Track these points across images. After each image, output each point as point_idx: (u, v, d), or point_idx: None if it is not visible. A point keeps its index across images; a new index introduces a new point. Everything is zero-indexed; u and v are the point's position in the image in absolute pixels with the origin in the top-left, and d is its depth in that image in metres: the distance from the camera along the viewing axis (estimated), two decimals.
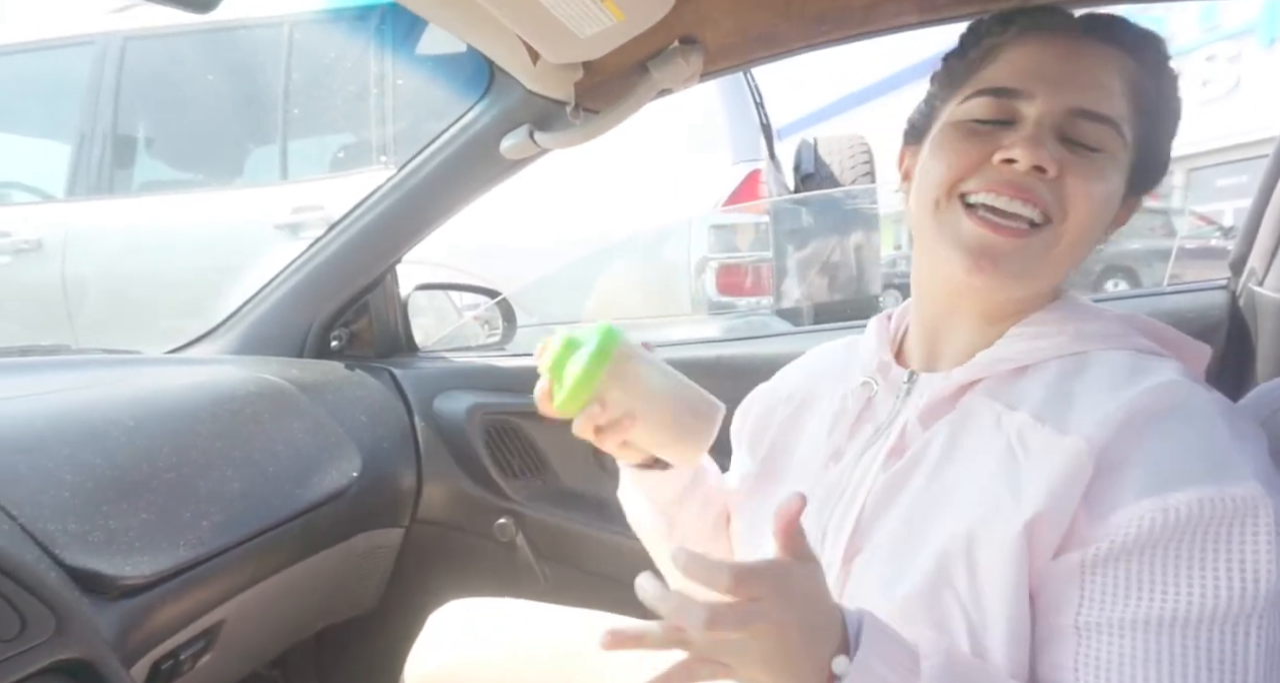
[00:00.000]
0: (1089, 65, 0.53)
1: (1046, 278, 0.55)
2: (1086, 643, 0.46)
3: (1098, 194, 0.52)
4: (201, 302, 2.35)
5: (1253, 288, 0.96)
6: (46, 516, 0.66)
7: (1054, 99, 0.53)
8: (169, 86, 2.96)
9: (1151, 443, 0.47)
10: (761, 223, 2.54)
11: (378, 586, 1.22)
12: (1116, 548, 0.46)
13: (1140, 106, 0.54)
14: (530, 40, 0.84)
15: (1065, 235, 0.53)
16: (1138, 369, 0.51)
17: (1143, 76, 0.54)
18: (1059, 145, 0.52)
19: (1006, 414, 0.53)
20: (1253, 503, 0.44)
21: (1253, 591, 0.43)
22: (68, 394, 0.85)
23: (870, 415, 0.63)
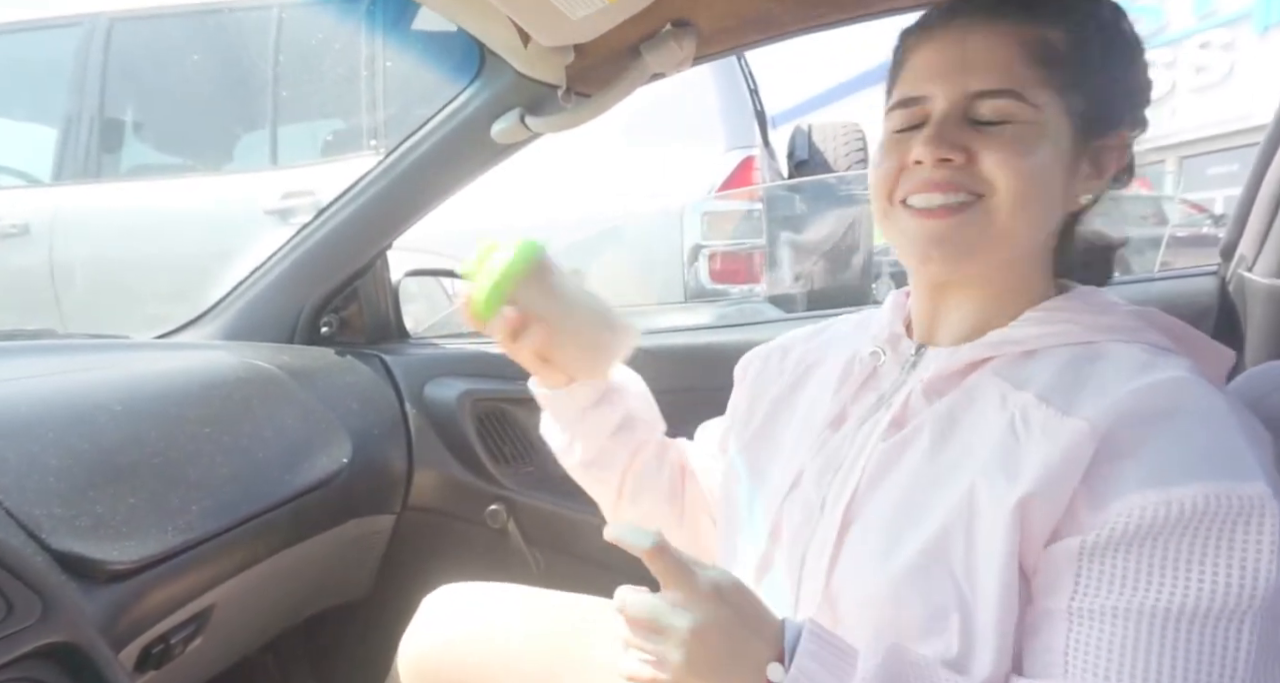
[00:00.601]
0: (976, 47, 0.55)
1: (998, 249, 0.56)
2: (1078, 628, 0.47)
3: (1016, 163, 0.53)
4: (190, 287, 2.33)
5: (1242, 274, 0.96)
6: (32, 500, 0.65)
7: (950, 92, 0.55)
8: (157, 70, 2.92)
9: (1159, 437, 0.47)
10: (755, 210, 2.53)
11: (369, 572, 1.22)
12: (1116, 536, 0.46)
13: (1051, 59, 0.54)
14: (521, 22, 0.83)
15: (1000, 207, 0.54)
16: (1150, 364, 0.51)
17: (1046, 30, 0.54)
18: (967, 131, 0.54)
19: (1012, 394, 0.53)
20: (1259, 503, 0.44)
21: (1250, 589, 0.43)
22: (54, 379, 0.84)
23: (875, 384, 0.63)
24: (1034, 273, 0.59)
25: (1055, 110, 0.54)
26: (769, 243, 2.58)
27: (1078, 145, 0.56)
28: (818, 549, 0.58)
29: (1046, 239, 0.59)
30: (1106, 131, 0.56)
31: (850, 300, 2.73)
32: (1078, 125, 0.55)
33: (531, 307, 0.67)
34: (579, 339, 0.70)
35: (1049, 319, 0.56)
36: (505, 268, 0.66)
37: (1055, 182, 0.55)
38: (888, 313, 0.66)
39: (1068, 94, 0.54)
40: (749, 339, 1.21)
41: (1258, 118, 9.08)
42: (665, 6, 0.84)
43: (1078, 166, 0.56)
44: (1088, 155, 0.57)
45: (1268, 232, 0.93)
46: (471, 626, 0.80)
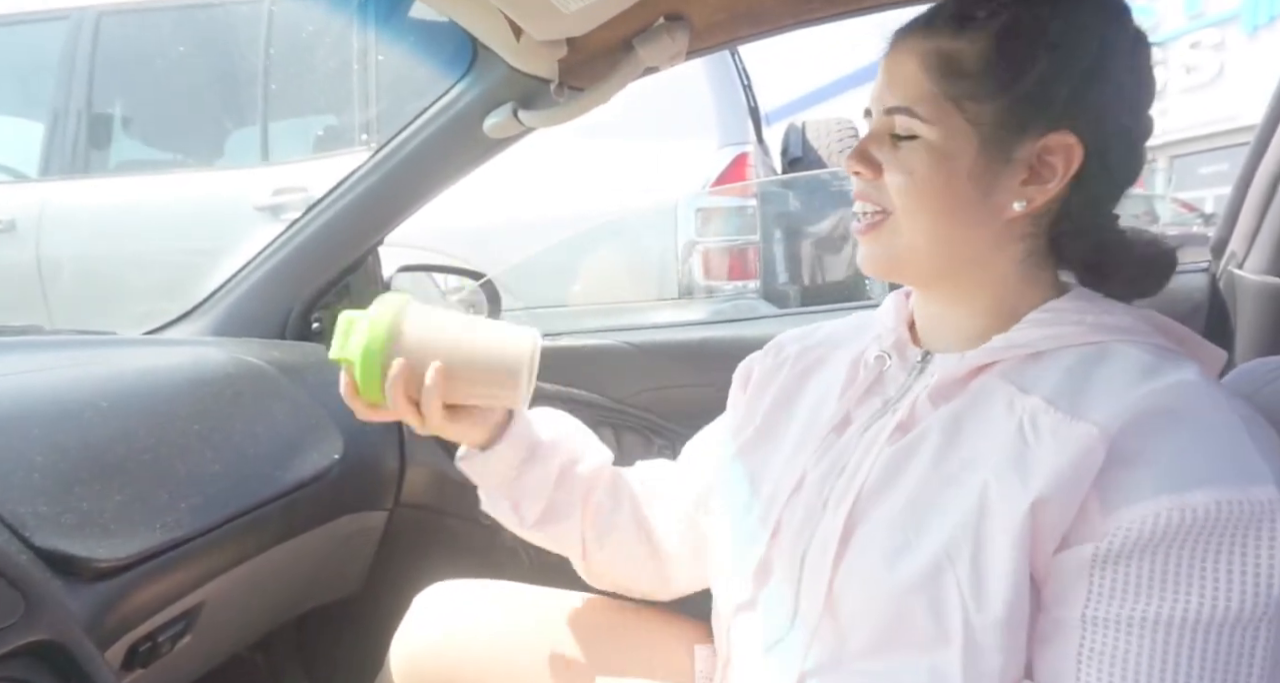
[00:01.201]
0: (891, 65, 0.57)
1: (912, 263, 0.58)
2: (1092, 637, 0.46)
3: (905, 181, 0.55)
4: (180, 284, 2.32)
5: (1233, 270, 0.97)
6: (17, 497, 0.65)
7: (877, 107, 0.58)
8: (145, 64, 2.90)
9: (1169, 441, 0.47)
10: (748, 206, 2.53)
11: (361, 569, 1.21)
12: (1130, 544, 0.45)
13: (952, 72, 0.54)
14: (513, 15, 0.82)
15: (900, 223, 0.57)
16: (1158, 367, 0.50)
17: (946, 43, 0.54)
18: (886, 147, 0.57)
19: (1019, 397, 0.52)
20: (1270, 508, 0.44)
21: (1265, 596, 0.43)
22: (40, 374, 0.83)
23: (880, 389, 0.62)
24: (1017, 278, 0.58)
25: (954, 124, 0.54)
26: (763, 239, 2.58)
27: (991, 154, 0.54)
28: (819, 552, 0.57)
29: (994, 248, 0.57)
30: (1032, 138, 0.53)
31: (844, 297, 2.74)
32: (986, 135, 0.53)
33: (417, 354, 0.61)
34: (479, 364, 0.63)
35: (1052, 321, 0.55)
36: (366, 342, 0.60)
37: (956, 195, 0.54)
38: (890, 316, 0.65)
39: (970, 104, 0.53)
40: (743, 335, 1.21)
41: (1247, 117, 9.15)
42: (658, 0, 0.84)
43: (997, 177, 0.54)
44: (1018, 164, 0.54)
45: (1258, 229, 0.93)
46: (463, 623, 0.80)
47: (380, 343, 0.60)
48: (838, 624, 0.55)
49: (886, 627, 0.52)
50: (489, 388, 0.64)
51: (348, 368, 0.62)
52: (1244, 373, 0.65)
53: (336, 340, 0.62)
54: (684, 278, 2.49)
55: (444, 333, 0.62)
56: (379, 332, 0.60)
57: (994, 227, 0.56)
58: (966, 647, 0.49)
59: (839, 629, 0.55)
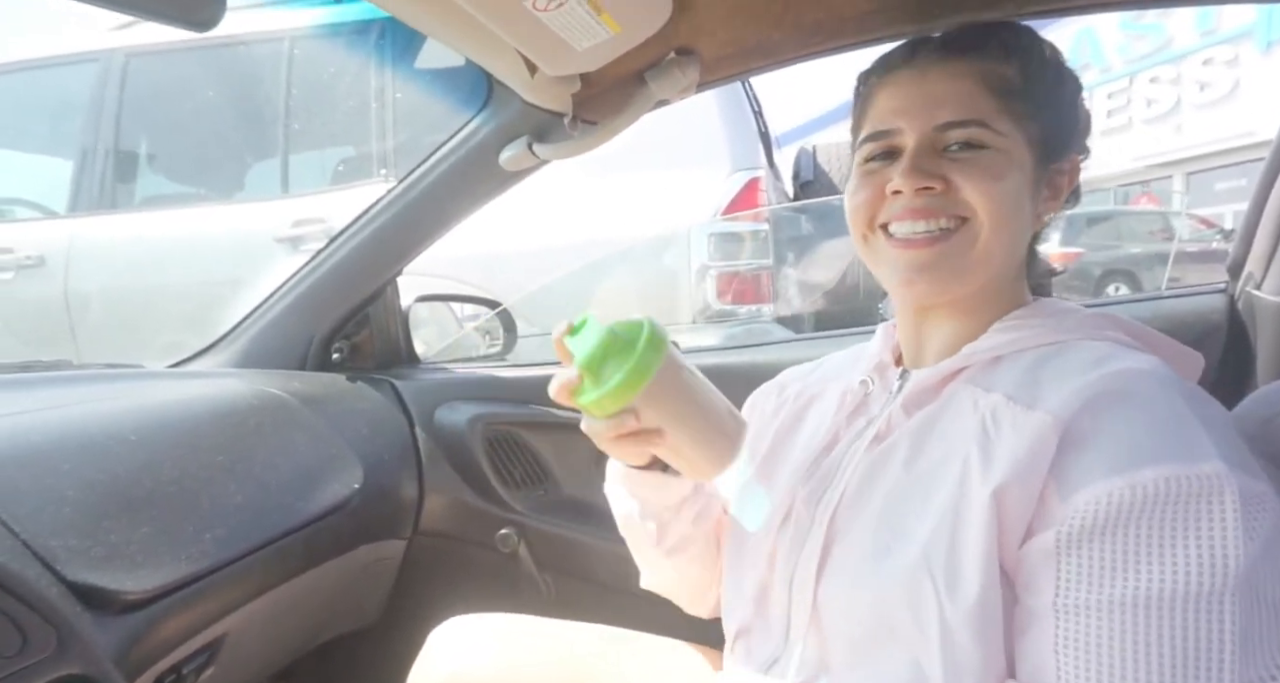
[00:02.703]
0: (940, 82, 0.59)
1: (980, 271, 0.59)
2: (1065, 624, 0.47)
3: (990, 186, 0.57)
4: (203, 316, 2.36)
5: (1251, 291, 0.96)
6: (48, 531, 0.66)
7: (921, 125, 0.59)
8: (171, 102, 2.98)
9: (1116, 421, 0.48)
10: (761, 231, 2.54)
11: (380, 598, 1.21)
12: (1088, 526, 0.47)
13: (1008, 92, 0.58)
14: (528, 53, 0.84)
15: (981, 229, 0.57)
16: (1109, 356, 0.53)
17: (998, 66, 0.59)
18: (941, 160, 0.58)
19: (983, 396, 0.55)
20: (1217, 481, 0.45)
21: (1222, 569, 0.44)
22: (69, 409, 0.85)
23: (865, 410, 0.65)
24: (1007, 290, 0.62)
25: (1017, 138, 0.58)
26: (776, 263, 2.59)
27: (1038, 170, 0.59)
28: (805, 564, 0.59)
29: (1021, 257, 0.62)
30: (1060, 157, 0.61)
31: (858, 320, 2.73)
32: (1037, 152, 0.59)
33: (651, 416, 0.56)
34: (694, 448, 0.59)
35: (1014, 327, 0.59)
36: (636, 369, 0.53)
37: (1024, 204, 0.59)
38: (877, 344, 0.70)
39: (1025, 123, 0.58)
40: (757, 360, 1.22)
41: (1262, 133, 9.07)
42: (669, 36, 0.86)
43: (1039, 190, 0.60)
44: (1046, 179, 0.61)
45: (1275, 250, 0.93)
46: (480, 658, 0.79)
47: (630, 395, 0.54)
48: (823, 634, 0.57)
49: (869, 631, 0.54)
50: (688, 464, 0.60)
51: (582, 377, 0.56)
52: (1264, 396, 0.65)
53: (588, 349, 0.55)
54: (697, 303, 2.50)
55: (683, 406, 0.57)
56: (638, 380, 0.54)
57: (1029, 235, 0.62)
58: (944, 644, 0.50)
59: (824, 638, 0.57)
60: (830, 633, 0.57)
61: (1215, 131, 11.24)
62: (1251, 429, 0.61)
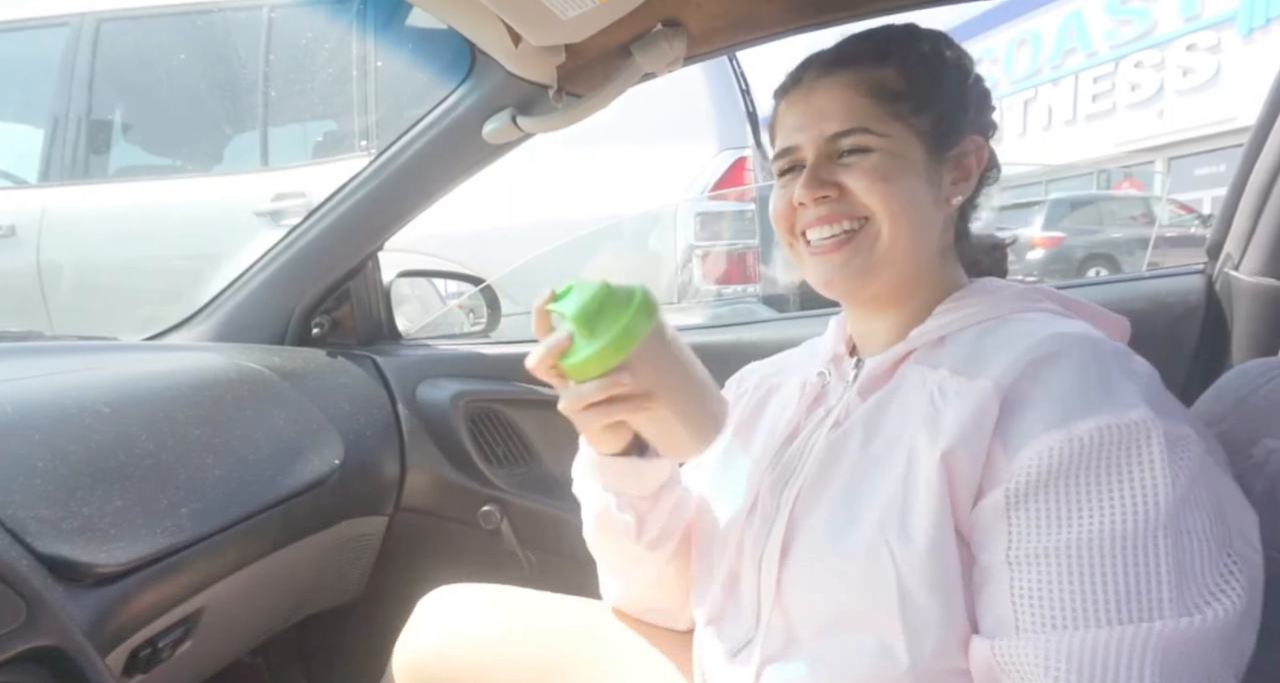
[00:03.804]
0: (825, 96, 0.63)
1: (889, 264, 0.62)
2: (1018, 575, 0.50)
3: (880, 185, 0.61)
4: (181, 290, 2.32)
5: (1229, 272, 0.97)
6: (17, 502, 0.65)
7: (814, 139, 0.63)
8: (145, 70, 2.91)
9: (1050, 381, 0.52)
10: (747, 210, 2.54)
11: (362, 574, 1.21)
12: (1033, 481, 0.50)
13: (887, 94, 0.62)
14: (512, 22, 0.83)
15: (881, 226, 0.61)
16: (1044, 325, 0.56)
17: (874, 71, 0.62)
18: (836, 168, 0.62)
19: (930, 374, 0.58)
20: (1145, 426, 0.48)
21: (1154, 507, 0.47)
22: (40, 380, 0.83)
23: (823, 400, 0.68)
24: (940, 274, 0.65)
25: (903, 135, 0.62)
26: (762, 243, 2.59)
27: (933, 158, 0.63)
28: (771, 549, 0.61)
29: (937, 243, 0.65)
30: (955, 142, 0.64)
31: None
32: (928, 143, 0.62)
33: (642, 376, 0.54)
34: (681, 419, 0.57)
35: (957, 308, 0.62)
36: (633, 322, 0.52)
37: (920, 194, 0.62)
38: (830, 336, 0.73)
39: (910, 119, 0.62)
40: (742, 339, 1.22)
41: (1243, 119, 9.16)
42: (656, 7, 0.84)
43: (939, 176, 0.63)
44: (947, 164, 0.64)
45: (1253, 231, 0.94)
46: (466, 628, 0.80)
47: (626, 348, 0.52)
48: (789, 616, 0.59)
49: (833, 610, 0.57)
50: (673, 438, 0.59)
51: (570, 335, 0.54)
52: (1240, 374, 0.66)
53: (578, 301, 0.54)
54: (683, 282, 2.50)
55: (674, 371, 0.56)
56: (635, 333, 0.52)
57: (939, 223, 0.64)
58: (903, 608, 0.52)
59: (791, 621, 0.59)
60: (796, 615, 0.59)
61: (1197, 117, 11.33)
62: (1228, 407, 0.62)
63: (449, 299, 2.13)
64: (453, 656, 0.78)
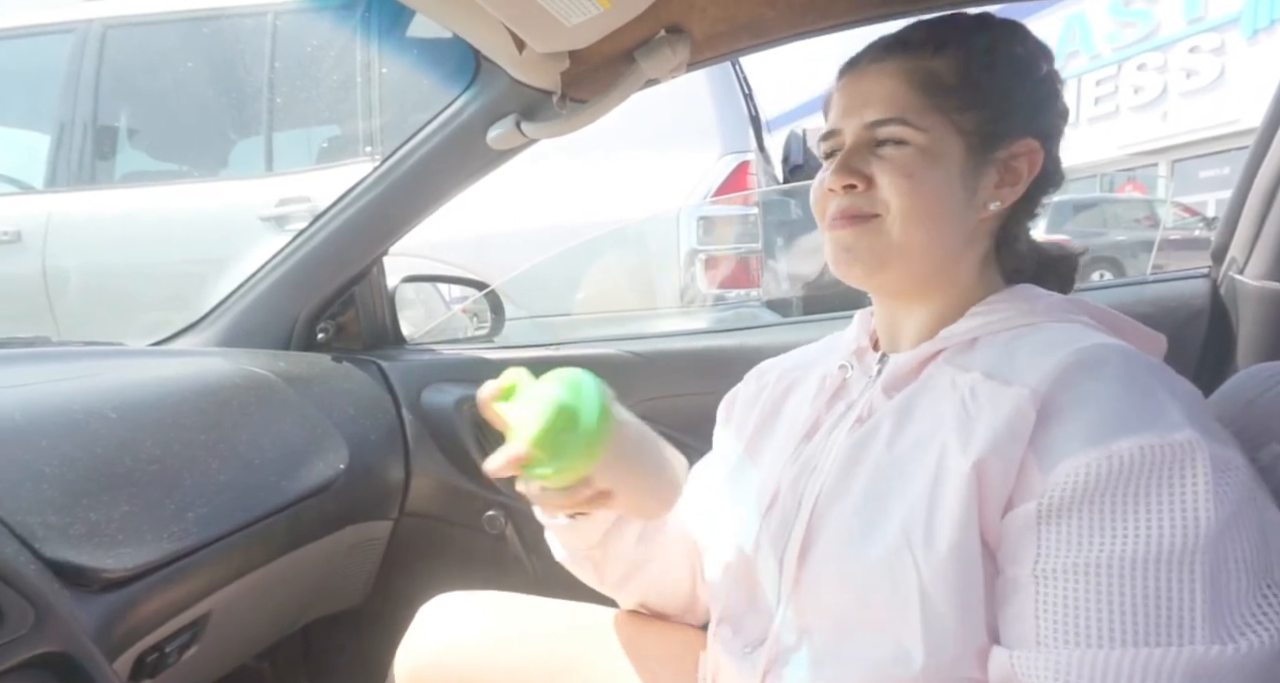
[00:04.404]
0: (872, 82, 0.61)
1: (899, 261, 0.61)
2: (1044, 590, 0.48)
3: (904, 183, 0.59)
4: (186, 295, 2.33)
5: (1234, 276, 0.97)
6: (25, 508, 0.65)
7: (853, 124, 0.62)
8: (151, 76, 2.92)
9: (1090, 393, 0.50)
10: (750, 214, 2.54)
11: (366, 578, 1.21)
12: (1068, 497, 0.48)
13: (936, 87, 0.59)
14: (516, 29, 0.83)
15: (893, 224, 0.60)
16: (1082, 335, 0.55)
17: (927, 62, 0.60)
18: (870, 159, 0.60)
19: (961, 375, 0.57)
20: (1190, 448, 0.46)
21: (1194, 531, 0.45)
22: (47, 386, 0.83)
23: (844, 394, 0.67)
24: (974, 277, 0.63)
25: (943, 131, 0.59)
26: (765, 247, 2.59)
27: (976, 159, 0.60)
28: (791, 548, 0.60)
29: (966, 246, 0.62)
30: (1005, 142, 0.61)
31: (847, 304, 2.73)
32: (971, 142, 0.60)
33: (603, 478, 0.55)
34: (643, 492, 0.59)
35: (990, 311, 0.61)
36: (589, 442, 0.52)
37: (950, 196, 0.60)
38: (854, 329, 0.71)
39: (956, 115, 0.59)
40: (746, 344, 1.22)
41: (1247, 121, 9.14)
42: (659, 13, 0.85)
43: (979, 178, 0.61)
44: (993, 166, 0.61)
45: (1258, 234, 0.94)
46: (467, 634, 0.80)
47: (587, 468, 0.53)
48: (806, 616, 0.58)
49: (852, 611, 0.55)
50: (635, 508, 0.60)
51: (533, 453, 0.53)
52: (1245, 378, 0.65)
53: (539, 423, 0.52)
54: (686, 287, 2.50)
55: (631, 464, 0.57)
56: (594, 454, 0.53)
57: (970, 225, 0.61)
58: (925, 617, 0.51)
59: (808, 620, 0.58)
60: (812, 614, 0.58)
61: (1201, 119, 11.30)
62: (1234, 411, 0.62)
63: (453, 304, 2.14)
64: (452, 664, 0.78)
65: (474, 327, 1.61)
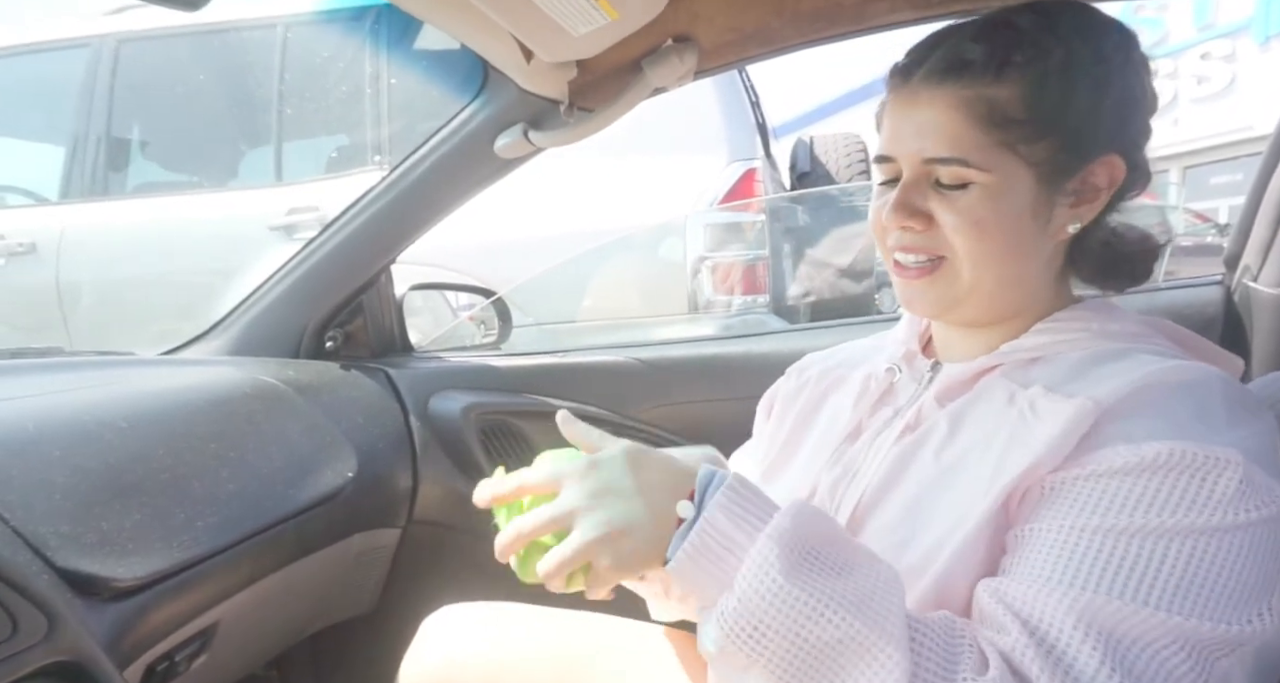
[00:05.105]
0: (927, 111, 0.55)
1: (973, 300, 0.58)
2: (1029, 539, 0.49)
3: (970, 228, 0.55)
4: (197, 304, 2.34)
5: (1247, 283, 0.96)
6: (38, 518, 0.65)
7: (909, 156, 0.57)
8: (163, 89, 2.96)
9: (1151, 405, 0.49)
10: (757, 221, 2.54)
11: (375, 586, 1.21)
12: (1087, 473, 0.49)
13: (999, 120, 0.54)
14: (524, 39, 0.84)
15: (961, 267, 0.56)
16: (1159, 361, 0.52)
17: (988, 90, 0.54)
18: (930, 193, 0.56)
19: (1020, 392, 0.55)
20: (1226, 462, 0.46)
21: (1189, 517, 0.45)
22: (60, 396, 0.84)
23: (891, 399, 0.64)
24: (1039, 294, 0.60)
25: (1010, 167, 0.54)
26: (772, 254, 2.59)
27: (1048, 188, 0.55)
28: None
29: (1042, 270, 0.59)
30: (1080, 167, 0.56)
31: (854, 311, 2.73)
32: (1043, 172, 0.55)
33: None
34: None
35: (1059, 329, 0.57)
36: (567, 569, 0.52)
37: (1020, 232, 0.56)
38: (903, 330, 0.68)
39: (1023, 147, 0.54)
40: (752, 351, 1.22)
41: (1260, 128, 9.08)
42: (667, 23, 0.85)
43: (1053, 207, 0.56)
44: (1069, 188, 0.56)
45: (1272, 241, 0.93)
46: (473, 646, 0.80)
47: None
48: None
49: None
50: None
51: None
52: (1260, 386, 0.65)
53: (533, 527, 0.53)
54: (693, 294, 2.50)
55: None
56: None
57: (1045, 253, 0.58)
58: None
59: None
60: None
61: (1212, 126, 11.24)
62: None
63: (460, 312, 2.14)
64: (458, 674, 0.77)
65: (481, 334, 1.61)
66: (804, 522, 0.48)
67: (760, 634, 0.45)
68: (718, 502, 0.48)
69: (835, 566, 0.47)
